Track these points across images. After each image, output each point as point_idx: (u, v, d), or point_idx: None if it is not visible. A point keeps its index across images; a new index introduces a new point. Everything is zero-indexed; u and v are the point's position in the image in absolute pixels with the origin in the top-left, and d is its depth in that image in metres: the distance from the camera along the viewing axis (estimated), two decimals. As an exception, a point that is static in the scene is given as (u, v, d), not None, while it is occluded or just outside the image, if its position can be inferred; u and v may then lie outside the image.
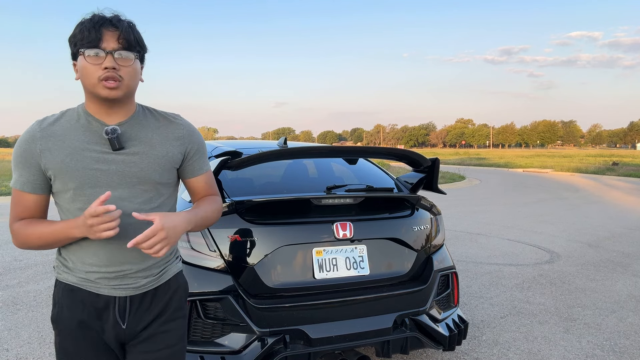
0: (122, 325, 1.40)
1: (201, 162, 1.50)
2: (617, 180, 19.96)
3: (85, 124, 1.35)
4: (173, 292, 1.49)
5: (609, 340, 3.42)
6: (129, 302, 1.40)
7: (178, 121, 1.46)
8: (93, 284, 1.38)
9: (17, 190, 1.36)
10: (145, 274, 1.41)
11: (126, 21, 1.31)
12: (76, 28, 1.29)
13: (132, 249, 1.33)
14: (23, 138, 1.35)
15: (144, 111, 1.43)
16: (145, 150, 1.37)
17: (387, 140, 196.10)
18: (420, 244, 2.70)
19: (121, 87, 1.29)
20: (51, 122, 1.36)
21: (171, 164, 1.42)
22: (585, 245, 6.73)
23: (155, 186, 1.39)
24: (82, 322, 1.39)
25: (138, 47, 1.33)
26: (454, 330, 2.64)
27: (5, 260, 5.63)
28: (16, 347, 3.25)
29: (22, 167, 1.34)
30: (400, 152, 2.79)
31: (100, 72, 1.26)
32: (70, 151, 1.32)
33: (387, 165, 24.97)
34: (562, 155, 52.91)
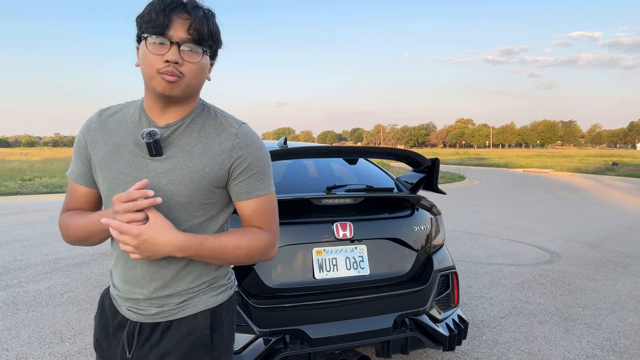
0: (127, 354, 1.21)
1: (251, 184, 1.18)
2: (617, 180, 19.96)
3: (136, 120, 1.17)
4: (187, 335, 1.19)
5: (609, 341, 3.42)
6: (139, 329, 1.20)
7: (233, 130, 1.17)
8: (115, 299, 1.26)
9: (70, 181, 1.26)
10: (157, 302, 1.18)
11: (203, 9, 1.10)
12: (146, 8, 1.09)
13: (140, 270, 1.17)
14: (81, 127, 1.24)
15: (202, 113, 1.19)
16: (181, 160, 1.13)
17: (387, 140, 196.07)
18: (420, 244, 2.70)
19: (180, 84, 1.09)
20: (110, 114, 1.22)
21: (208, 181, 1.14)
22: (586, 245, 6.73)
23: (184, 205, 1.14)
24: (97, 336, 1.29)
25: (210, 41, 1.11)
26: (454, 330, 2.64)
27: (5, 260, 5.63)
28: (16, 347, 3.25)
29: (75, 158, 1.24)
30: (400, 152, 2.79)
31: (160, 64, 1.07)
32: (111, 148, 1.17)
33: (387, 165, 24.97)
34: (562, 155, 52.90)
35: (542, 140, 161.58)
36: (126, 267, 1.19)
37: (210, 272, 1.22)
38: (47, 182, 15.91)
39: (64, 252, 6.08)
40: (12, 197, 12.75)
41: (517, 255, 6.08)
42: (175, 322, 1.19)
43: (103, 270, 5.21)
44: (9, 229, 7.73)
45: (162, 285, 1.17)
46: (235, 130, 1.17)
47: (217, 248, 1.13)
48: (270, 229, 1.22)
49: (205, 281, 1.22)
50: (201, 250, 1.11)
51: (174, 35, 1.06)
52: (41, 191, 13.77)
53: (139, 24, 1.10)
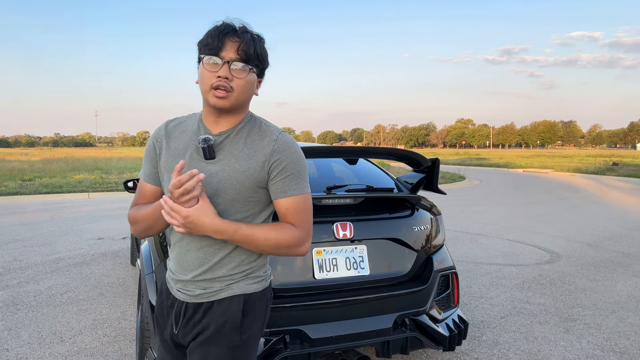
0: (174, 329, 1.43)
1: (286, 184, 1.33)
2: (617, 180, 19.95)
3: (195, 129, 1.38)
4: (223, 315, 1.36)
5: (609, 341, 3.42)
6: (185, 308, 1.40)
7: (274, 137, 1.35)
8: (170, 282, 1.47)
9: (141, 180, 1.47)
10: (201, 285, 1.37)
11: (251, 34, 1.30)
12: (205, 34, 1.31)
13: (191, 256, 1.37)
14: (152, 134, 1.46)
15: (250, 123, 1.38)
16: (229, 163, 1.33)
17: (387, 141, 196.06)
18: (420, 244, 2.70)
19: (230, 98, 1.29)
20: (176, 124, 1.44)
21: (252, 181, 1.32)
22: (586, 245, 6.73)
23: (231, 202, 1.32)
24: (157, 317, 1.51)
25: (257, 61, 1.30)
26: (454, 331, 2.64)
27: (5, 260, 5.63)
28: (16, 347, 3.24)
29: (146, 160, 1.45)
30: (401, 152, 2.79)
31: (214, 79, 1.27)
32: (174, 152, 1.38)
33: (387, 165, 24.97)
34: (562, 156, 52.90)
35: (542, 140, 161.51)
36: (181, 253, 1.39)
37: (249, 262, 1.39)
38: (47, 182, 15.91)
39: (64, 252, 6.08)
40: (12, 197, 12.75)
41: (517, 255, 6.08)
42: (216, 303, 1.37)
43: (103, 270, 5.21)
44: (9, 229, 7.73)
45: (207, 269, 1.36)
46: (275, 137, 1.36)
47: (249, 236, 1.29)
48: (302, 226, 1.36)
49: (244, 270, 1.38)
50: (235, 236, 1.28)
51: (226, 56, 1.27)
52: (41, 191, 13.77)
53: (199, 47, 1.32)
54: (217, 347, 1.35)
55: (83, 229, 7.79)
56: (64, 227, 7.97)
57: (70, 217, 9.16)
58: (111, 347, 3.25)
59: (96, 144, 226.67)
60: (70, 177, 18.62)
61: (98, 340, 3.35)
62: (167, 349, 1.50)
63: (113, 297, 4.30)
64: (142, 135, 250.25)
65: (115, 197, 13.36)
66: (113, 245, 6.52)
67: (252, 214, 1.36)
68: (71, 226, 8.04)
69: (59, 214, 9.52)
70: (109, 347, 3.25)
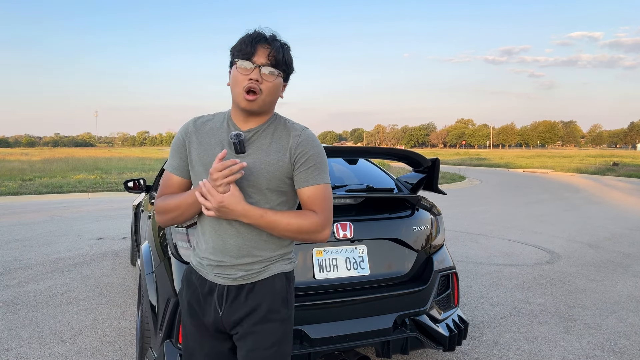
0: (219, 312, 1.50)
1: (308, 175, 1.47)
2: (618, 180, 19.95)
3: (225, 127, 1.51)
4: (270, 292, 1.50)
5: (609, 341, 3.41)
6: (226, 292, 1.50)
7: (298, 132, 1.50)
8: (203, 269, 1.53)
9: (167, 172, 1.57)
10: (242, 268, 1.49)
11: (280, 42, 1.45)
12: (238, 41, 1.45)
13: (231, 243, 1.47)
14: (180, 129, 1.57)
15: (275, 121, 1.52)
16: (260, 157, 1.46)
17: (387, 141, 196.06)
18: (420, 244, 2.70)
19: (258, 101, 1.42)
20: (204, 121, 1.55)
21: (281, 172, 1.46)
22: (586, 245, 6.72)
23: (263, 191, 1.46)
24: (190, 303, 1.56)
25: (284, 66, 1.45)
26: (454, 331, 2.64)
27: (6, 260, 5.63)
28: (16, 347, 3.24)
29: (174, 154, 1.55)
30: (401, 152, 2.79)
31: (246, 82, 1.40)
32: (206, 147, 1.49)
33: (387, 165, 24.97)
34: (562, 156, 52.89)
35: (543, 140, 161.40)
36: (218, 241, 1.48)
37: (282, 247, 1.54)
38: (47, 182, 15.91)
39: (64, 252, 6.08)
40: (12, 197, 12.76)
41: (517, 255, 6.08)
42: (258, 283, 1.50)
43: (103, 270, 5.21)
44: (9, 229, 7.73)
45: (247, 254, 1.48)
46: (299, 132, 1.50)
47: (273, 222, 1.41)
48: (322, 213, 1.47)
49: (279, 253, 1.53)
50: (260, 221, 1.41)
51: (257, 60, 1.40)
52: (41, 191, 13.78)
53: (232, 53, 1.46)
54: (271, 323, 1.49)
55: (83, 229, 7.79)
56: (64, 227, 7.97)
57: (70, 217, 9.16)
58: (111, 347, 3.25)
59: (96, 144, 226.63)
60: (71, 177, 18.62)
61: (98, 340, 3.35)
62: (205, 335, 1.55)
63: (113, 297, 4.30)
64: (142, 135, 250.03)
65: (116, 197, 13.36)
66: (113, 245, 6.52)
67: (280, 202, 1.49)
68: (71, 226, 8.04)
69: (59, 214, 9.52)
70: (109, 347, 3.25)
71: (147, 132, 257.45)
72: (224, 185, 1.34)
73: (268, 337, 1.48)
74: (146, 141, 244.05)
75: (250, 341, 1.47)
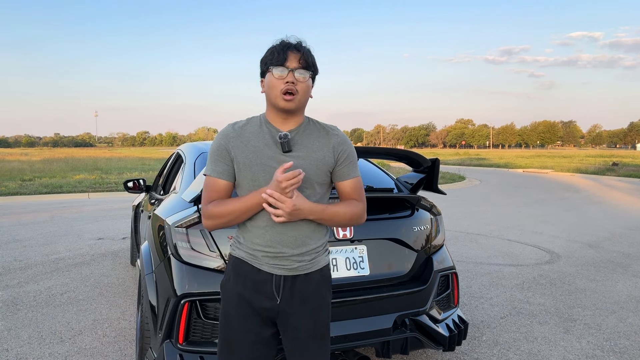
0: (277, 300, 1.63)
1: (349, 169, 1.69)
2: (617, 180, 19.95)
3: (265, 129, 1.64)
4: (320, 281, 1.69)
5: (609, 341, 3.41)
6: (283, 281, 1.63)
7: (334, 132, 1.70)
8: (257, 260, 1.65)
9: (211, 178, 1.65)
10: (298, 258, 1.64)
11: (306, 47, 1.62)
12: (267, 51, 1.61)
13: (289, 235, 1.62)
14: (219, 136, 1.67)
15: (309, 122, 1.70)
16: (307, 154, 1.63)
17: (387, 141, 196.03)
18: (420, 244, 2.70)
19: (295, 100, 1.58)
20: (241, 126, 1.68)
21: (326, 167, 1.65)
22: (586, 245, 6.72)
23: (312, 184, 1.64)
24: (241, 294, 1.65)
25: (312, 68, 1.62)
26: (454, 331, 2.64)
27: (6, 261, 5.63)
28: (16, 347, 3.24)
29: (216, 159, 1.65)
30: (401, 152, 2.78)
31: (282, 85, 1.56)
32: (253, 149, 1.62)
33: (387, 165, 24.97)
34: (562, 156, 52.90)
35: (542, 140, 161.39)
36: (275, 234, 1.61)
37: (324, 237, 1.72)
38: (47, 183, 15.91)
39: (63, 252, 6.08)
40: (12, 197, 12.76)
41: (517, 255, 6.08)
42: (311, 274, 1.67)
43: (103, 270, 5.21)
44: (9, 229, 7.73)
45: (301, 244, 1.64)
46: (336, 132, 1.71)
47: (334, 213, 1.62)
48: (363, 200, 1.72)
49: (321, 244, 1.70)
50: (323, 214, 1.60)
51: (290, 65, 1.57)
52: (41, 191, 13.78)
53: (264, 62, 1.62)
54: (323, 309, 1.70)
55: (83, 229, 7.79)
56: (64, 227, 7.97)
57: (70, 217, 9.16)
58: (111, 347, 3.25)
59: (96, 144, 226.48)
60: (70, 177, 18.62)
61: (98, 341, 3.35)
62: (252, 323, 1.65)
63: (113, 297, 4.30)
64: (142, 135, 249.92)
65: (115, 197, 13.36)
66: (113, 245, 6.52)
67: (322, 194, 1.68)
68: (71, 226, 8.04)
69: (58, 214, 9.52)
70: (108, 347, 3.25)
71: (147, 132, 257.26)
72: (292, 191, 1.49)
73: (323, 320, 1.70)
74: (146, 141, 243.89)
75: (307, 326, 1.66)
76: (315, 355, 1.68)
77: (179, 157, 3.67)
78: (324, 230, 1.72)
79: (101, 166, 26.50)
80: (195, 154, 3.19)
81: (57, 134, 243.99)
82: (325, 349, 1.71)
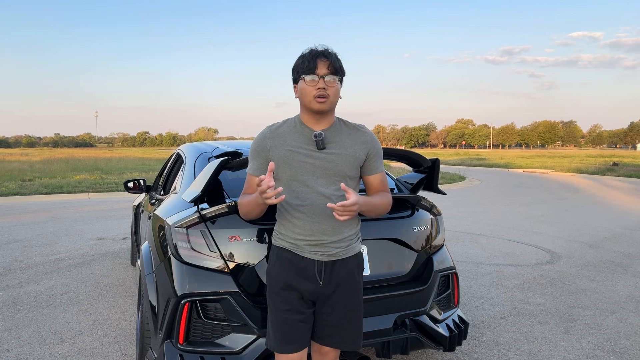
0: (320, 282, 1.82)
1: (377, 164, 1.88)
2: (618, 180, 19.95)
3: (300, 129, 1.81)
4: (354, 266, 1.89)
5: (609, 341, 3.41)
6: (324, 265, 1.83)
7: (364, 130, 1.88)
8: (299, 248, 1.83)
9: (250, 175, 1.86)
10: (336, 245, 1.82)
11: (333, 53, 1.76)
12: (298, 60, 1.76)
13: (328, 224, 1.78)
14: (258, 137, 1.85)
15: (339, 122, 1.86)
16: (340, 151, 1.79)
17: (387, 141, 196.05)
18: (420, 244, 2.70)
19: (327, 102, 1.73)
20: (277, 127, 1.84)
21: (357, 162, 1.83)
22: (586, 245, 6.72)
23: (345, 179, 1.80)
24: (286, 281, 1.83)
25: (341, 72, 1.76)
26: (454, 331, 2.63)
27: (6, 261, 5.63)
28: (16, 347, 3.25)
29: (255, 158, 1.84)
30: (401, 152, 2.78)
31: (314, 91, 1.71)
32: (289, 148, 1.79)
33: (387, 165, 24.97)
34: (562, 156, 52.88)
35: (543, 140, 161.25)
36: (315, 224, 1.79)
37: (357, 226, 1.93)
38: (47, 183, 15.91)
39: (64, 252, 6.09)
40: (12, 197, 12.76)
41: (518, 255, 6.08)
42: (347, 259, 1.87)
43: (103, 270, 5.21)
44: (9, 229, 7.74)
45: (338, 231, 1.82)
46: (365, 130, 1.88)
47: (376, 202, 1.82)
48: (389, 191, 1.93)
49: (355, 232, 1.90)
50: (368, 205, 1.77)
51: (320, 72, 1.72)
52: (41, 191, 13.78)
53: (295, 70, 1.77)
54: (356, 290, 1.90)
55: (83, 229, 7.79)
56: (64, 227, 7.97)
57: (71, 217, 9.16)
58: (111, 347, 3.25)
59: (96, 144, 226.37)
60: (71, 177, 18.62)
61: (98, 341, 3.35)
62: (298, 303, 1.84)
63: (113, 298, 4.30)
64: (142, 135, 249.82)
65: (116, 197, 13.37)
66: (113, 245, 6.52)
67: (353, 187, 1.85)
68: (71, 226, 8.04)
69: (59, 215, 9.52)
70: (109, 347, 3.25)
71: (147, 132, 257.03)
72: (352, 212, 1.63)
73: (358, 299, 1.90)
74: (146, 141, 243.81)
75: (346, 304, 1.86)
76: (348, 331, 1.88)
77: (179, 158, 3.67)
78: (356, 219, 1.91)
79: (101, 166, 26.51)
80: (196, 154, 3.19)
81: (57, 134, 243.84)
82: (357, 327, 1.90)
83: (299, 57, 1.77)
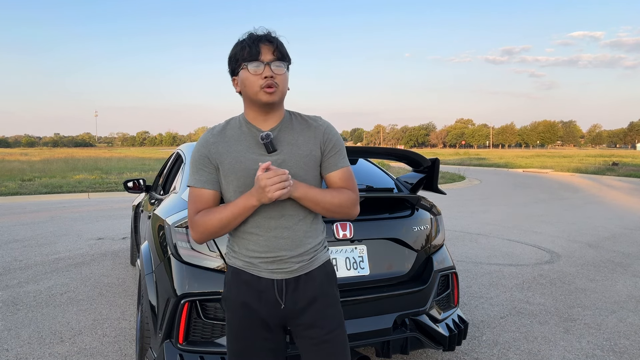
0: (282, 305, 1.56)
1: (337, 159, 1.59)
2: (617, 180, 19.95)
3: (246, 130, 1.55)
4: (323, 278, 1.62)
5: (609, 341, 3.41)
6: (285, 285, 1.56)
7: (317, 123, 1.61)
8: (255, 267, 1.57)
9: (195, 188, 1.56)
10: (297, 259, 1.56)
11: (277, 37, 1.52)
12: (236, 47, 1.50)
13: (286, 237, 1.54)
14: (199, 144, 1.58)
15: (290, 116, 1.60)
16: (292, 150, 1.54)
17: (387, 141, 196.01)
18: (420, 244, 2.70)
19: (277, 92, 1.48)
20: (219, 130, 1.58)
21: (314, 161, 1.57)
22: (586, 245, 6.72)
23: (304, 182, 1.53)
24: (245, 303, 1.58)
25: (287, 58, 1.52)
26: (454, 331, 2.64)
27: (5, 261, 5.63)
28: (16, 347, 3.24)
29: (198, 169, 1.56)
30: (400, 152, 2.79)
31: (261, 80, 1.46)
32: (236, 155, 1.53)
33: (387, 165, 24.96)
34: (562, 156, 52.89)
35: (542, 140, 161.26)
36: (270, 238, 1.54)
37: (321, 234, 1.64)
38: (46, 183, 15.91)
39: (63, 252, 6.08)
40: (12, 197, 12.75)
41: (517, 255, 6.08)
42: (312, 272, 1.59)
43: (103, 270, 5.21)
44: (9, 229, 7.73)
45: (298, 245, 1.55)
46: (320, 122, 1.61)
47: (317, 194, 1.50)
48: (354, 190, 1.60)
49: (319, 242, 1.62)
50: (308, 194, 1.49)
51: (265, 58, 1.46)
52: (41, 191, 13.78)
53: (234, 59, 1.50)
54: (332, 305, 1.62)
55: (83, 229, 7.79)
56: (64, 227, 7.97)
57: (70, 217, 9.16)
58: (111, 347, 3.25)
59: (96, 144, 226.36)
60: (70, 177, 18.62)
61: (98, 341, 3.35)
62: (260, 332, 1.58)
63: (113, 297, 4.30)
64: (141, 135, 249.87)
65: (115, 197, 13.36)
66: (113, 245, 6.52)
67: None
68: (71, 226, 8.04)
69: (58, 214, 9.52)
70: (108, 347, 3.25)
71: (147, 132, 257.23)
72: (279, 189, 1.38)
73: (336, 318, 1.61)
74: (146, 141, 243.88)
75: (322, 326, 1.57)
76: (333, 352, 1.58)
77: (178, 157, 3.67)
78: (320, 227, 1.64)
79: (101, 166, 26.49)
80: (195, 154, 3.18)
81: (57, 134, 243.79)
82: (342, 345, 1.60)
83: (235, 44, 1.50)
